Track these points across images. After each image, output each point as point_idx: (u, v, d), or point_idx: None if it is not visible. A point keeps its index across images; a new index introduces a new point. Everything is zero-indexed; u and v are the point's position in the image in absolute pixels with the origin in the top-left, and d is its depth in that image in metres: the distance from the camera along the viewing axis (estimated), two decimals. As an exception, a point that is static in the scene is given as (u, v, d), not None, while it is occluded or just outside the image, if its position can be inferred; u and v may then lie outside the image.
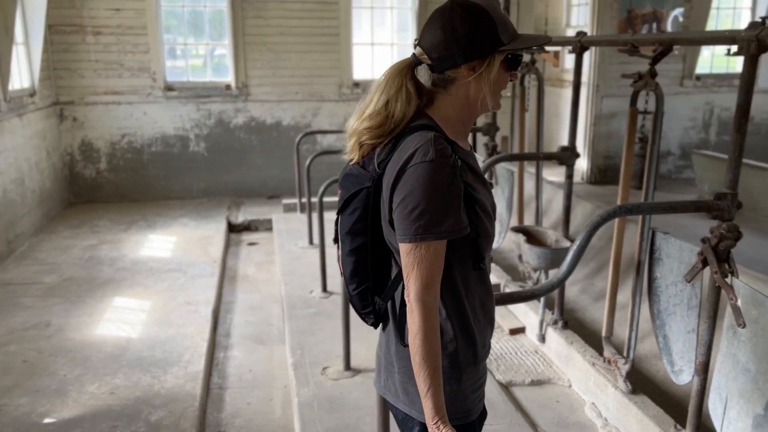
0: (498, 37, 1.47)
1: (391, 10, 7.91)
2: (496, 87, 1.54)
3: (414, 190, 1.42)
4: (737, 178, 2.35)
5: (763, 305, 2.25)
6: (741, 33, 2.22)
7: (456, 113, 1.57)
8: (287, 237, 6.13)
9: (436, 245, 1.44)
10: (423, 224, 1.42)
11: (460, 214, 1.45)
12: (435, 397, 1.46)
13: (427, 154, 1.43)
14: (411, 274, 1.45)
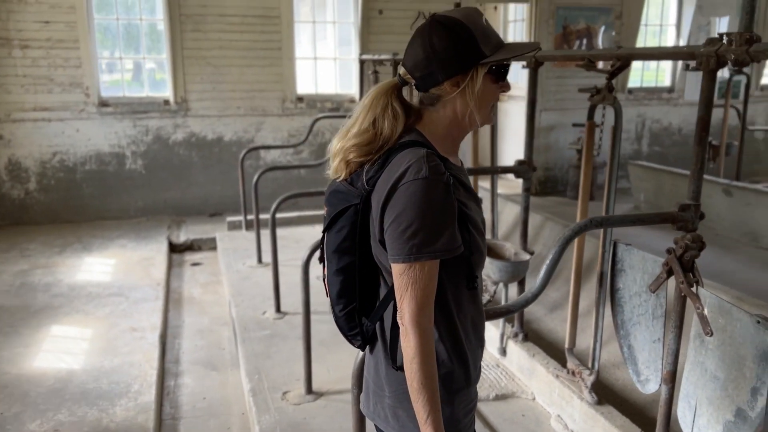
0: (479, 50, 1.45)
1: (334, 25, 7.86)
2: (484, 100, 1.50)
3: (407, 208, 1.39)
4: (699, 190, 2.41)
5: (729, 313, 2.30)
6: (700, 48, 2.27)
7: (445, 130, 1.54)
8: (234, 256, 5.95)
9: (430, 265, 1.40)
10: (417, 243, 1.38)
11: (454, 233, 1.42)
12: (435, 423, 1.42)
13: (420, 171, 1.39)
14: (405, 296, 1.40)
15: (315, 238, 6.41)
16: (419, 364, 1.39)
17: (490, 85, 1.49)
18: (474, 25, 1.46)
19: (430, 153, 1.44)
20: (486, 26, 1.48)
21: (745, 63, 2.15)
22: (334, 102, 7.84)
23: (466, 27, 1.45)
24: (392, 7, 7.69)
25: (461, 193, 1.49)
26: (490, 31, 1.48)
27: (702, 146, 2.36)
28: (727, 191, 6.28)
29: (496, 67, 1.47)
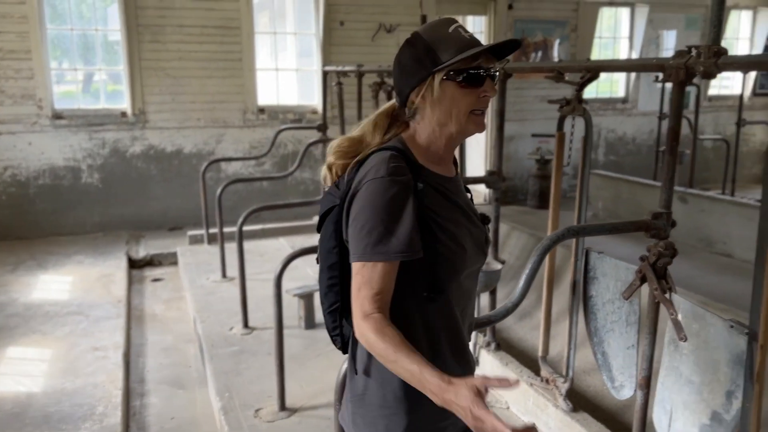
0: (434, 58, 1.45)
1: (294, 36, 7.83)
2: (451, 107, 1.47)
3: (364, 207, 1.43)
4: (671, 198, 2.46)
5: (703, 319, 2.35)
6: (669, 61, 2.33)
7: (426, 140, 1.55)
8: (196, 271, 5.82)
9: (381, 267, 1.41)
10: (371, 242, 1.40)
11: (410, 235, 1.41)
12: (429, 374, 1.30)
13: (378, 172, 1.44)
14: (357, 295, 1.42)
15: (280, 252, 6.38)
16: (380, 352, 1.38)
17: (457, 90, 1.46)
18: (433, 35, 1.47)
19: (395, 156, 1.47)
20: (451, 34, 1.46)
21: (713, 75, 2.21)
22: (296, 113, 7.79)
23: (421, 38, 1.49)
24: (353, 19, 7.70)
25: (434, 200, 1.50)
26: (454, 37, 1.45)
27: (673, 155, 2.42)
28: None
29: (456, 72, 1.44)
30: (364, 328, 1.39)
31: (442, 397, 1.28)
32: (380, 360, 1.40)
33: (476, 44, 1.46)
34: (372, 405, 1.55)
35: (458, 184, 1.63)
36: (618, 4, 9.03)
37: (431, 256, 1.46)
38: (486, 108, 1.52)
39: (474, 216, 1.63)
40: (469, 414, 1.22)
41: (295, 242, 6.75)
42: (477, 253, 1.59)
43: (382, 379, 1.53)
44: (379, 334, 1.37)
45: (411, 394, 1.47)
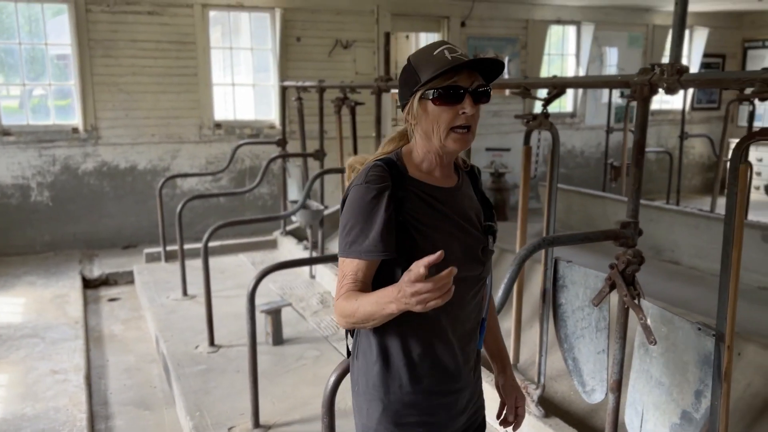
0: (417, 79, 1.55)
1: (251, 51, 7.80)
2: (431, 123, 1.56)
3: (346, 209, 1.57)
4: (638, 208, 2.58)
5: (671, 322, 2.47)
6: (634, 77, 2.46)
7: (421, 153, 1.64)
8: (156, 289, 5.71)
9: (357, 263, 1.55)
10: (348, 241, 1.55)
11: (380, 237, 1.52)
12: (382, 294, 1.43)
13: (360, 179, 1.57)
14: (338, 286, 1.57)
15: (241, 268, 6.31)
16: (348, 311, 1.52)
17: (435, 108, 1.54)
18: (418, 58, 1.59)
19: (377, 165, 1.59)
20: (435, 56, 1.54)
21: (676, 91, 2.35)
22: (253, 128, 7.75)
23: (409, 61, 1.61)
24: (310, 35, 7.74)
25: (417, 207, 1.58)
26: (436, 59, 1.53)
27: (639, 168, 2.54)
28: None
29: (430, 90, 1.53)
30: (337, 304, 1.55)
31: (396, 299, 1.36)
32: (353, 321, 1.52)
33: (458, 62, 1.52)
34: (359, 392, 1.69)
35: (454, 195, 1.68)
36: (565, 23, 9.35)
37: (407, 259, 1.51)
38: (468, 124, 1.56)
39: (470, 225, 1.67)
40: (405, 286, 1.32)
41: (255, 258, 6.70)
42: (468, 261, 1.64)
43: (366, 368, 1.66)
44: (346, 299, 1.52)
45: (384, 382, 1.63)
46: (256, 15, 7.66)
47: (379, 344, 1.63)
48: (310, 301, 5.34)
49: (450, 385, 1.67)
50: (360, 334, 1.69)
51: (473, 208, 1.72)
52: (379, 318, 1.47)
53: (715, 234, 5.67)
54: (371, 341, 1.64)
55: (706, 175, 11.00)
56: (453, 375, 1.67)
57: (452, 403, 1.69)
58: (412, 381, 1.62)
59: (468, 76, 1.54)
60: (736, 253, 2.13)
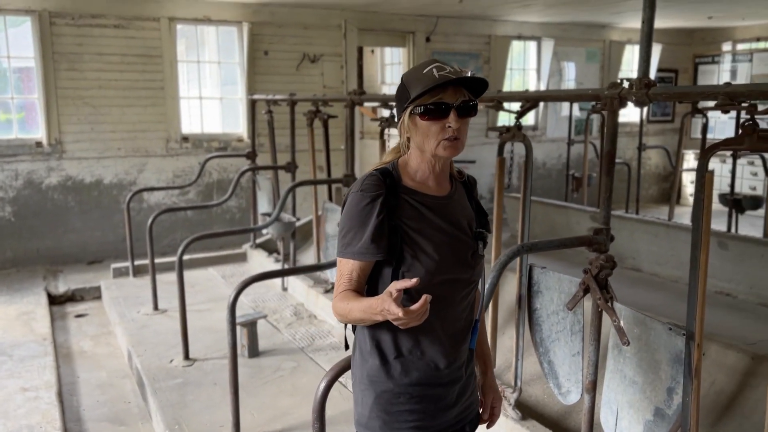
0: (407, 95, 1.69)
1: (218, 64, 7.80)
2: (423, 136, 1.69)
3: (344, 214, 1.74)
4: (609, 215, 2.71)
5: (644, 323, 2.59)
6: (604, 91, 2.59)
7: (415, 163, 1.77)
8: (125, 304, 5.64)
9: (352, 263, 1.71)
10: (344, 243, 1.71)
11: (371, 241, 1.67)
12: (372, 302, 1.60)
13: (356, 187, 1.72)
14: (336, 284, 1.75)
15: (211, 282, 6.28)
16: (342, 312, 1.71)
17: (422, 122, 1.67)
18: (410, 76, 1.71)
19: (373, 174, 1.72)
20: (424, 74, 1.66)
21: (645, 104, 2.49)
22: (221, 141, 7.74)
23: (402, 79, 1.74)
24: (277, 49, 7.79)
25: (409, 213, 1.71)
26: (425, 77, 1.65)
27: (610, 177, 2.67)
28: (594, 218, 6.91)
29: (418, 106, 1.66)
30: (334, 302, 1.72)
31: (379, 313, 1.55)
32: (346, 320, 1.72)
33: (443, 81, 1.63)
34: (356, 383, 1.84)
35: (447, 203, 1.79)
36: (526, 38, 9.61)
37: (397, 261, 1.70)
38: (455, 135, 1.68)
39: (459, 232, 1.78)
40: (386, 313, 1.50)
41: (225, 272, 6.67)
42: (456, 264, 1.76)
43: (361, 360, 1.80)
44: (341, 299, 1.70)
45: (377, 373, 1.76)
46: (224, 29, 7.67)
47: (372, 338, 1.77)
48: (283, 314, 5.36)
49: (438, 378, 1.78)
50: (356, 328, 1.84)
51: (465, 215, 1.83)
52: (369, 323, 1.69)
53: (674, 242, 5.92)
54: (366, 336, 1.78)
55: (662, 185, 11.38)
56: (441, 369, 1.78)
57: (440, 396, 1.80)
58: (402, 373, 1.75)
59: (454, 92, 1.66)
60: (704, 257, 2.26)
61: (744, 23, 9.84)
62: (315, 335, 4.89)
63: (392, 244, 1.69)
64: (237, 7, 7.46)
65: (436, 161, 1.74)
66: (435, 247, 1.71)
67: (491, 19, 9.08)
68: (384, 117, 4.31)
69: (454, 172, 1.86)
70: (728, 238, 6.17)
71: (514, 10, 8.16)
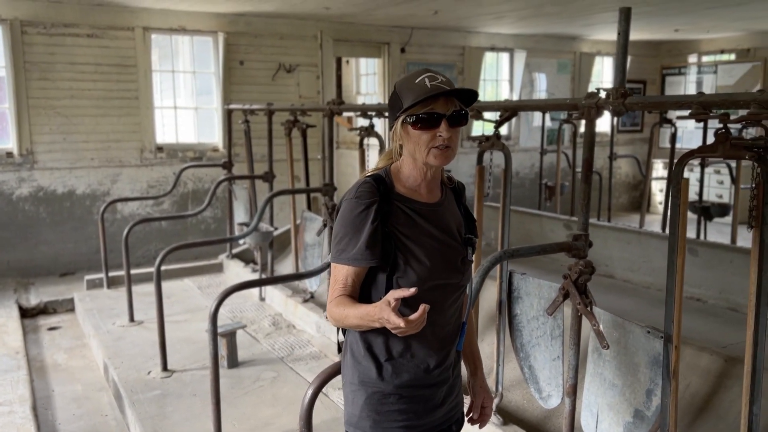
0: (399, 106, 1.72)
1: (193, 74, 7.77)
2: (415, 145, 1.73)
3: (338, 221, 1.77)
4: (587, 222, 2.77)
5: (622, 327, 2.65)
6: (582, 101, 2.66)
7: (407, 170, 1.81)
8: (100, 316, 5.55)
9: (347, 269, 1.74)
10: (338, 249, 1.74)
11: (365, 247, 1.70)
12: (368, 309, 1.62)
13: (350, 194, 1.76)
14: (330, 290, 1.79)
15: (187, 293, 6.23)
16: (337, 317, 1.74)
17: (413, 131, 1.71)
18: (402, 85, 1.76)
19: (367, 181, 1.75)
20: (417, 83, 1.70)
21: (622, 113, 2.56)
22: (196, 151, 7.69)
23: (395, 87, 1.77)
24: (253, 59, 7.79)
25: (401, 220, 1.75)
26: (417, 86, 1.69)
27: (588, 184, 2.73)
28: (567, 225, 7.03)
29: (410, 116, 1.70)
30: (330, 307, 1.75)
31: (377, 321, 1.58)
32: (342, 325, 1.75)
33: (435, 92, 1.68)
34: (347, 383, 1.87)
35: (438, 209, 1.83)
36: (499, 50, 9.76)
37: (391, 266, 1.74)
38: (446, 144, 1.72)
39: (450, 238, 1.83)
40: (384, 322, 1.54)
41: (201, 282, 6.62)
42: (446, 270, 1.80)
43: (353, 362, 1.84)
44: (337, 305, 1.72)
45: (368, 374, 1.80)
46: (199, 39, 7.65)
47: (364, 342, 1.80)
48: (261, 324, 5.33)
49: (427, 380, 1.83)
50: (348, 331, 1.87)
51: (455, 221, 1.88)
52: (365, 328, 1.71)
53: (646, 248, 6.04)
54: (358, 339, 1.82)
55: (632, 193, 11.61)
56: (431, 371, 1.82)
57: (429, 396, 1.84)
58: (393, 375, 1.79)
59: (445, 102, 1.70)
60: (680, 261, 2.33)
61: (709, 36, 10.13)
62: (294, 345, 4.88)
63: (386, 251, 1.73)
64: (212, 17, 7.45)
65: (428, 168, 1.78)
66: (426, 254, 1.75)
67: (465, 31, 9.20)
68: (363, 126, 4.34)
69: (445, 178, 1.91)
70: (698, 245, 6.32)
71: (488, 21, 8.28)
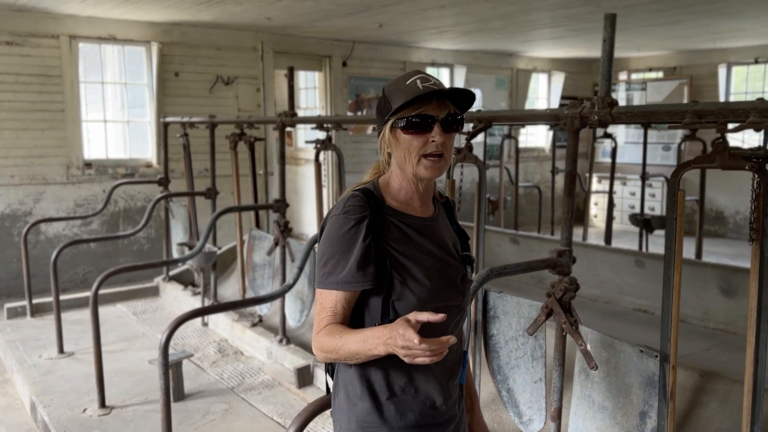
0: (388, 107, 1.56)
1: (125, 86, 7.32)
2: (405, 151, 1.56)
3: (324, 241, 1.56)
4: (571, 237, 2.65)
5: (612, 346, 2.54)
6: (564, 111, 2.56)
7: (397, 181, 1.64)
8: (24, 348, 5.05)
9: (335, 294, 1.52)
10: (325, 272, 1.53)
11: (355, 268, 1.50)
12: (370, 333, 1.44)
13: (337, 209, 1.56)
14: (317, 318, 1.55)
15: (122, 319, 5.79)
16: (331, 347, 1.50)
17: (403, 136, 1.55)
18: (391, 87, 1.59)
19: (355, 195, 1.57)
20: (407, 85, 1.54)
21: (608, 124, 2.46)
22: (128, 167, 7.23)
23: (384, 90, 1.62)
24: (189, 70, 7.43)
25: (396, 237, 1.56)
26: (408, 88, 1.53)
27: (571, 197, 2.62)
28: (514, 240, 7.02)
29: (399, 119, 1.54)
30: (318, 338, 1.52)
31: (384, 343, 1.37)
32: (334, 357, 1.50)
33: (424, 93, 1.52)
34: (342, 428, 1.63)
35: (432, 224, 1.67)
36: (440, 65, 9.75)
37: (386, 289, 1.54)
38: (439, 152, 1.56)
39: (449, 255, 1.66)
40: (398, 338, 1.31)
41: (137, 308, 6.18)
42: (448, 290, 1.63)
43: (348, 403, 1.61)
44: (328, 334, 1.49)
45: (368, 417, 1.57)
46: (131, 48, 7.22)
47: (361, 378, 1.58)
48: (206, 351, 4.98)
49: (434, 418, 1.63)
50: (340, 368, 1.64)
51: (451, 237, 1.73)
52: (364, 357, 1.46)
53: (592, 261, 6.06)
54: (354, 376, 1.60)
55: (568, 207, 11.82)
56: (437, 408, 1.63)
57: None
58: (397, 415, 1.58)
59: (438, 105, 1.54)
60: (677, 277, 2.23)
61: (639, 54, 10.48)
62: (244, 373, 4.56)
63: (380, 271, 1.53)
64: (145, 26, 7.06)
65: (418, 180, 1.61)
66: (426, 273, 1.57)
67: (406, 46, 9.14)
68: (320, 139, 4.13)
69: (437, 193, 1.75)
70: (645, 257, 6.42)
71: (430, 36, 8.24)
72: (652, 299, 6.25)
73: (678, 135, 10.55)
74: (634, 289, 6.31)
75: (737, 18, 6.86)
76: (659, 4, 5.80)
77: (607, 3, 5.86)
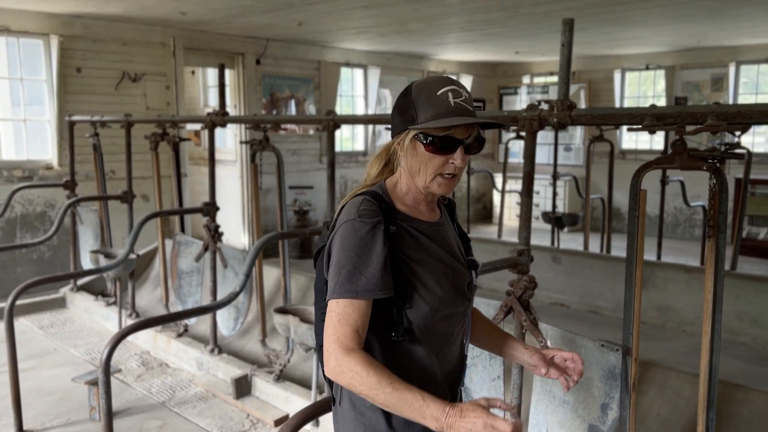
0: (413, 115, 1.49)
1: (20, 82, 6.74)
2: (420, 164, 1.52)
3: (337, 248, 1.47)
4: (530, 236, 2.71)
5: (573, 342, 2.61)
6: (522, 113, 2.60)
7: (406, 186, 1.59)
8: None
9: (355, 305, 1.43)
10: (341, 281, 1.44)
11: (377, 275, 1.44)
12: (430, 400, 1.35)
13: (350, 214, 1.48)
14: (334, 331, 1.43)
15: (27, 335, 5.36)
16: (372, 384, 1.37)
17: (423, 151, 1.50)
18: (421, 92, 1.51)
19: (367, 199, 1.50)
20: (438, 96, 1.48)
21: (566, 125, 2.53)
22: (25, 170, 6.66)
23: (410, 92, 1.53)
24: (93, 66, 6.96)
25: (408, 243, 1.53)
26: (439, 100, 1.48)
27: (530, 197, 2.67)
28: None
29: (424, 135, 1.48)
30: (350, 362, 1.38)
31: (444, 421, 1.31)
32: (367, 392, 1.37)
33: (459, 112, 1.47)
34: None
35: (440, 229, 1.64)
36: (354, 65, 9.73)
37: (400, 297, 1.49)
38: (455, 173, 1.53)
39: (457, 261, 1.64)
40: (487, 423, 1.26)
41: (43, 321, 5.71)
42: (456, 297, 1.60)
43: (353, 413, 1.55)
44: (371, 367, 1.37)
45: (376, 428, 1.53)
46: (26, 41, 6.66)
47: None
48: (128, 365, 4.68)
49: None
50: None
51: (456, 242, 1.71)
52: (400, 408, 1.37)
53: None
54: None
55: (475, 206, 12.15)
56: None
57: None
58: (405, 424, 1.52)
59: (466, 127, 1.49)
60: (639, 272, 2.33)
61: (541, 59, 10.95)
62: (174, 386, 4.32)
63: (395, 279, 1.48)
64: (43, 17, 6.54)
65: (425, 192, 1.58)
66: (437, 280, 1.54)
67: (320, 45, 9.04)
68: (255, 139, 3.98)
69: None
70: (560, 253, 6.71)
71: (347, 36, 8.20)
72: (568, 293, 6.55)
73: (577, 136, 11.15)
74: (550, 284, 6.57)
75: (634, 27, 7.32)
76: (571, 12, 6.08)
77: (524, 9, 6.07)
